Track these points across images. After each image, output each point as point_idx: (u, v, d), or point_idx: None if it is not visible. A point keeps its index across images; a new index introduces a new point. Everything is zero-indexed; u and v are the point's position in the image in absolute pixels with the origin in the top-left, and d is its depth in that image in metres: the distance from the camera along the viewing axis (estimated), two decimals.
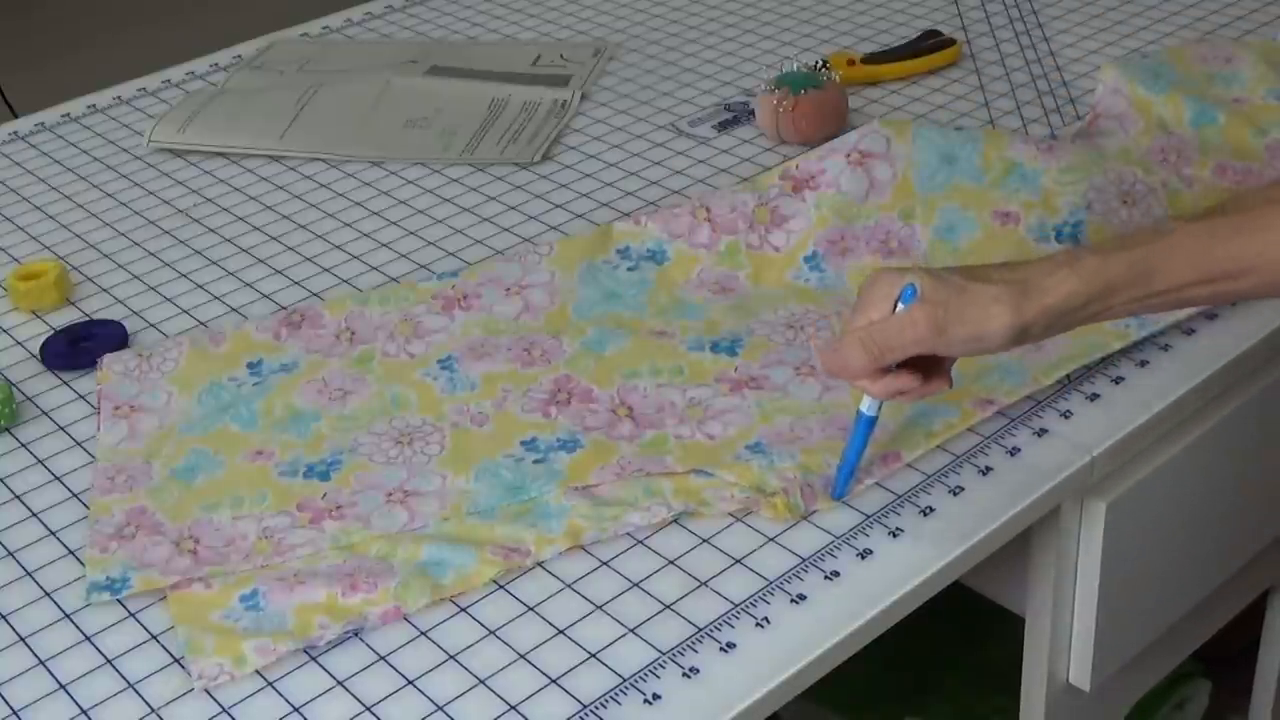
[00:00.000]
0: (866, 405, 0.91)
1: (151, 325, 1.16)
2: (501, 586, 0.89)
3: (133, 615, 0.89)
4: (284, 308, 1.16)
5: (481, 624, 0.87)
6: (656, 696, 0.82)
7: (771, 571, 0.89)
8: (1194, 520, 1.10)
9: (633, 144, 1.38)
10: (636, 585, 0.89)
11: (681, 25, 1.63)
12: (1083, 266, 0.86)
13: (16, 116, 1.71)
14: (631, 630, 0.86)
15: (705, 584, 0.89)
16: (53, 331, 1.15)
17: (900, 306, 0.86)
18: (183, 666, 0.85)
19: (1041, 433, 0.99)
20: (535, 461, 0.97)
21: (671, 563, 0.90)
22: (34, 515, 0.97)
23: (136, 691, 0.84)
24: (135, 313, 1.18)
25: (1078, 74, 1.44)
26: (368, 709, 0.82)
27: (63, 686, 0.85)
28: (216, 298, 1.19)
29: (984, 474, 0.96)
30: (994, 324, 0.85)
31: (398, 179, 1.35)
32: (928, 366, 0.89)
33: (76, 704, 0.83)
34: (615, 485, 0.95)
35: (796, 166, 1.17)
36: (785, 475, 0.94)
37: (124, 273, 1.23)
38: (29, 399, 1.08)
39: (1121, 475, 1.01)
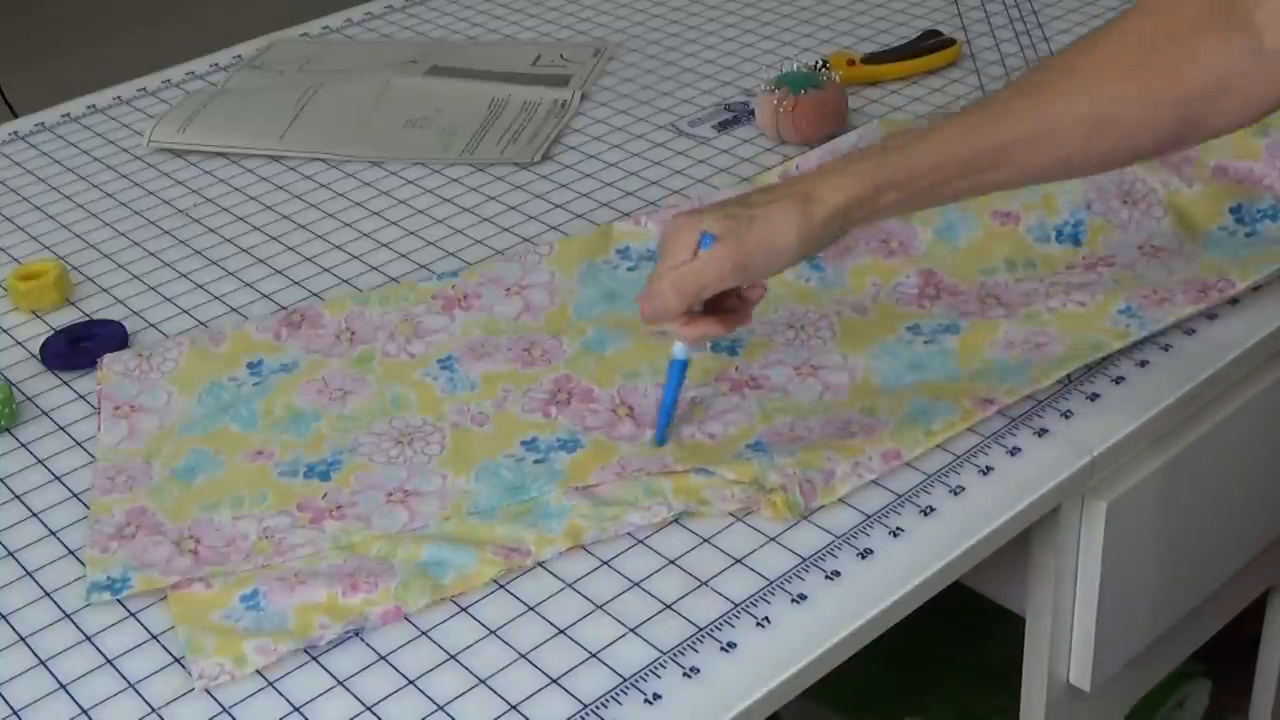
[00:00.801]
0: (678, 350, 0.97)
1: (151, 325, 1.16)
2: (502, 586, 0.89)
3: (133, 615, 0.89)
4: (284, 308, 1.16)
5: (482, 624, 0.87)
6: (657, 696, 0.82)
7: (772, 571, 0.89)
8: (1194, 520, 1.10)
9: (633, 144, 1.38)
10: (637, 585, 0.89)
11: (681, 25, 1.63)
12: (855, 169, 0.91)
13: (16, 116, 1.71)
14: (632, 630, 0.86)
15: (705, 584, 0.89)
16: (53, 331, 1.15)
17: (701, 250, 0.91)
18: (183, 666, 0.85)
19: (1041, 433, 0.99)
20: (535, 461, 0.97)
21: (672, 562, 0.90)
22: (34, 515, 0.97)
23: (136, 691, 0.84)
24: (135, 313, 1.18)
25: None
26: (368, 709, 0.82)
27: (63, 686, 0.85)
28: (216, 298, 1.19)
29: (984, 474, 0.96)
30: (785, 237, 0.90)
31: (398, 179, 1.35)
32: (731, 306, 0.95)
33: (76, 704, 0.83)
34: (615, 485, 0.95)
35: (796, 166, 1.17)
36: (785, 473, 0.94)
37: (124, 273, 1.23)
38: (29, 399, 1.08)
39: (1121, 475, 1.01)
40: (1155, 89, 0.86)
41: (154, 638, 0.87)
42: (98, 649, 0.87)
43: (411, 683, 0.83)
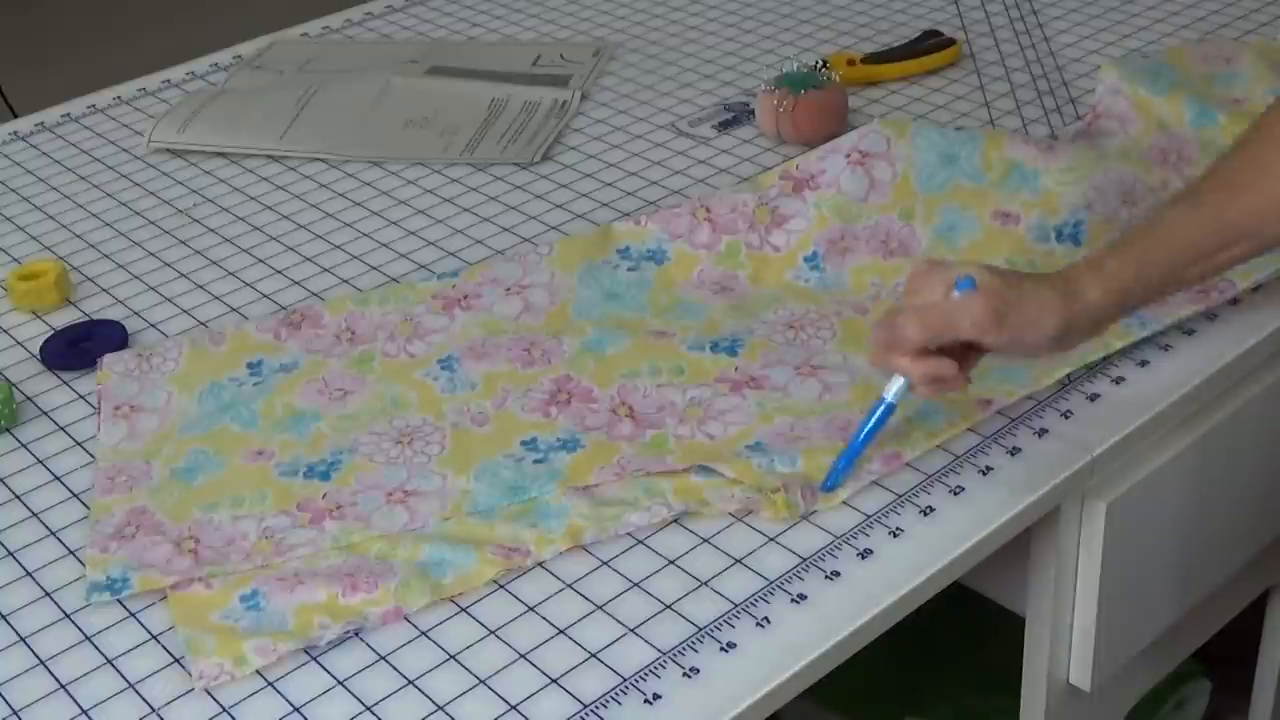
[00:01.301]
0: (892, 393, 0.92)
1: (151, 325, 1.16)
2: (501, 586, 0.89)
3: (133, 615, 0.89)
4: (284, 308, 1.16)
5: (481, 624, 0.87)
6: (657, 696, 0.82)
7: (772, 571, 0.89)
8: (1194, 520, 1.10)
9: (633, 144, 1.38)
10: (636, 585, 0.89)
11: (681, 25, 1.63)
12: (1104, 272, 0.91)
13: (16, 116, 1.71)
14: (632, 630, 0.86)
15: (705, 584, 0.89)
16: (53, 331, 1.15)
17: (956, 294, 0.89)
18: (183, 666, 0.85)
19: (1041, 433, 0.99)
20: (535, 461, 0.97)
21: (671, 563, 0.90)
22: (34, 515, 0.97)
23: (136, 691, 0.84)
24: (135, 313, 1.18)
25: (1078, 74, 1.44)
26: (368, 709, 0.82)
27: (63, 686, 0.85)
28: (216, 298, 1.19)
29: (984, 474, 0.96)
30: (1048, 319, 0.90)
31: (398, 179, 1.35)
32: (964, 358, 0.92)
33: (77, 704, 0.83)
34: (615, 485, 0.95)
35: (796, 166, 1.17)
36: (785, 474, 0.94)
37: (124, 273, 1.23)
38: (29, 399, 1.08)
39: (1121, 475, 1.01)
40: None
41: (154, 638, 0.87)
42: (98, 649, 0.87)
43: (411, 683, 0.83)
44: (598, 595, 0.88)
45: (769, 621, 0.86)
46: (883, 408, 0.93)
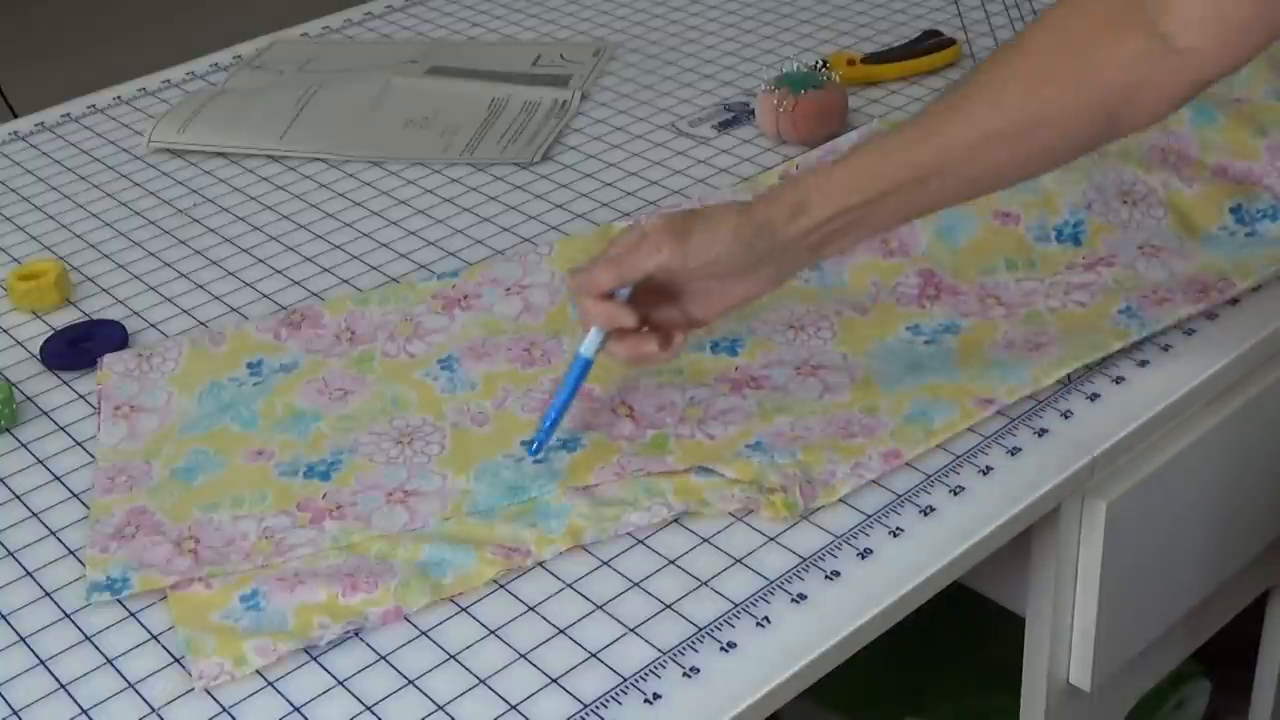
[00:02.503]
0: (586, 346, 0.96)
1: (151, 325, 1.16)
2: (502, 586, 0.89)
3: (133, 615, 0.89)
4: (284, 308, 1.16)
5: (481, 624, 0.87)
6: (657, 696, 0.82)
7: (772, 571, 0.89)
8: (1194, 520, 1.10)
9: (633, 144, 1.38)
10: (636, 585, 0.89)
11: (681, 25, 1.63)
12: (801, 181, 0.94)
13: (16, 116, 1.71)
14: (632, 630, 0.86)
15: (705, 584, 0.89)
16: (53, 331, 1.15)
17: None
18: (183, 666, 0.85)
19: (1041, 433, 0.99)
20: (536, 461, 0.97)
21: (671, 563, 0.90)
22: (34, 515, 0.97)
23: (136, 691, 0.84)
24: (135, 313, 1.18)
25: None
26: (368, 709, 0.82)
27: (63, 686, 0.85)
28: (216, 298, 1.19)
29: (984, 474, 0.96)
30: (723, 226, 0.93)
31: (398, 179, 1.35)
32: (666, 333, 0.96)
33: (77, 704, 0.83)
34: (615, 485, 0.95)
35: (797, 166, 1.17)
36: (785, 473, 0.94)
37: (124, 273, 1.23)
38: (29, 399, 1.08)
39: (1121, 475, 1.01)
40: (1075, 93, 0.91)
41: (154, 638, 0.87)
42: (98, 649, 0.87)
43: (411, 683, 0.83)
44: (598, 595, 0.88)
45: (769, 621, 0.86)
46: (579, 362, 0.96)
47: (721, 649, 0.84)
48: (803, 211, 0.93)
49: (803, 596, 0.87)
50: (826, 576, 0.89)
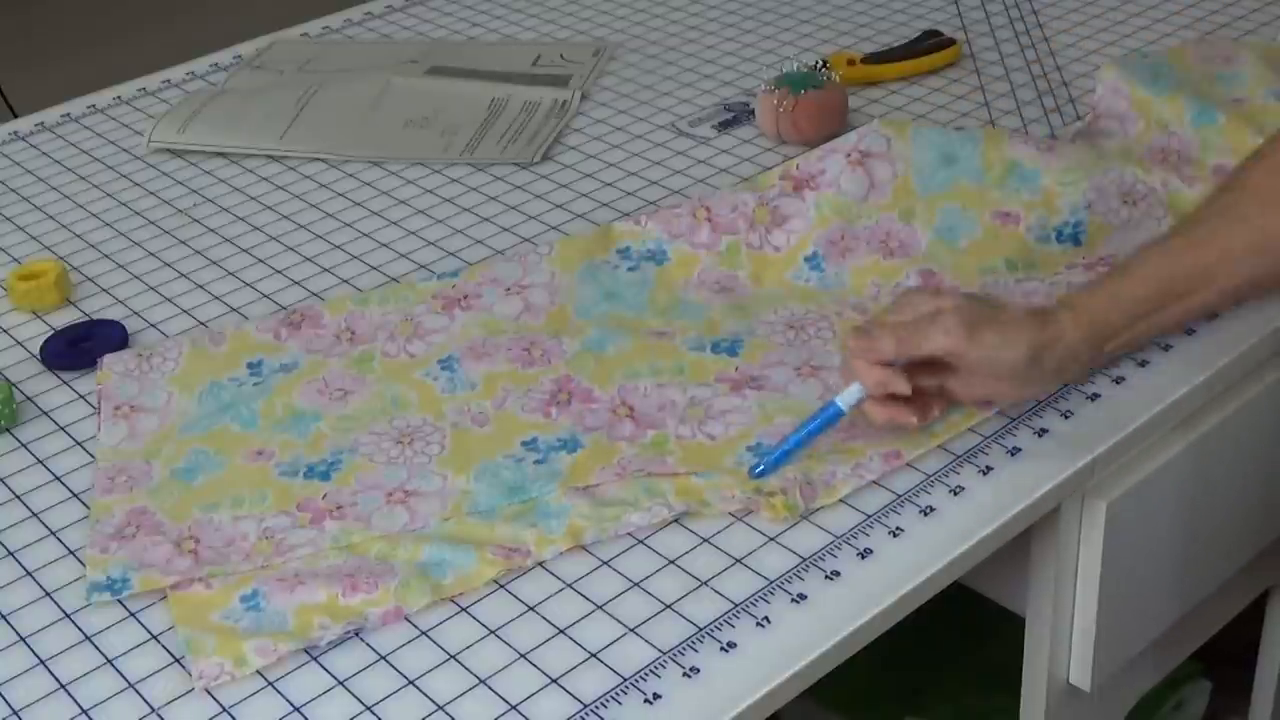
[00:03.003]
0: (844, 399, 0.95)
1: (151, 325, 1.16)
2: (502, 586, 0.89)
3: (133, 615, 0.89)
4: (284, 308, 1.16)
5: (481, 624, 0.87)
6: (657, 696, 0.82)
7: (772, 571, 0.89)
8: (1194, 520, 1.10)
9: (633, 144, 1.38)
10: (636, 585, 0.89)
11: (681, 25, 1.63)
12: (1078, 307, 0.98)
13: (16, 116, 1.71)
14: (632, 630, 0.86)
15: (705, 584, 0.89)
16: (53, 331, 1.15)
17: None
18: (183, 666, 0.85)
19: (1041, 433, 0.99)
20: (536, 462, 0.97)
21: (671, 563, 0.90)
22: (34, 515, 0.97)
23: (136, 691, 0.84)
24: (135, 313, 1.18)
25: (1078, 74, 1.44)
26: (368, 709, 0.82)
27: (63, 686, 0.85)
28: (216, 298, 1.19)
29: (984, 474, 0.96)
30: (1019, 336, 0.94)
31: (398, 179, 1.35)
32: (924, 402, 0.96)
33: (77, 704, 0.83)
34: (616, 485, 0.95)
35: (796, 166, 1.17)
36: (785, 475, 0.94)
37: (124, 273, 1.23)
38: (29, 399, 1.08)
39: (1121, 475, 1.01)
40: None
41: (154, 638, 0.87)
42: (98, 649, 0.87)
43: (411, 683, 0.83)
44: (598, 595, 0.88)
45: (769, 621, 0.86)
46: (831, 410, 0.95)
47: (721, 649, 0.84)
48: (1109, 339, 0.98)
49: (803, 596, 0.87)
50: (826, 576, 0.89)
